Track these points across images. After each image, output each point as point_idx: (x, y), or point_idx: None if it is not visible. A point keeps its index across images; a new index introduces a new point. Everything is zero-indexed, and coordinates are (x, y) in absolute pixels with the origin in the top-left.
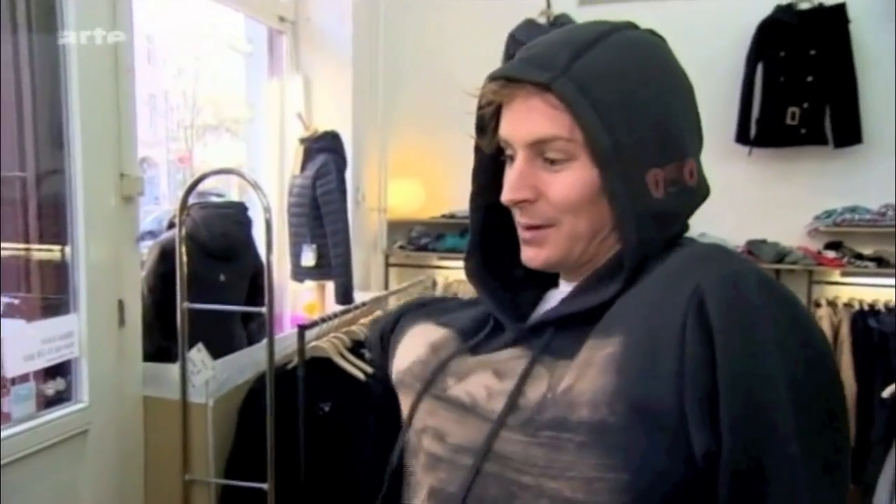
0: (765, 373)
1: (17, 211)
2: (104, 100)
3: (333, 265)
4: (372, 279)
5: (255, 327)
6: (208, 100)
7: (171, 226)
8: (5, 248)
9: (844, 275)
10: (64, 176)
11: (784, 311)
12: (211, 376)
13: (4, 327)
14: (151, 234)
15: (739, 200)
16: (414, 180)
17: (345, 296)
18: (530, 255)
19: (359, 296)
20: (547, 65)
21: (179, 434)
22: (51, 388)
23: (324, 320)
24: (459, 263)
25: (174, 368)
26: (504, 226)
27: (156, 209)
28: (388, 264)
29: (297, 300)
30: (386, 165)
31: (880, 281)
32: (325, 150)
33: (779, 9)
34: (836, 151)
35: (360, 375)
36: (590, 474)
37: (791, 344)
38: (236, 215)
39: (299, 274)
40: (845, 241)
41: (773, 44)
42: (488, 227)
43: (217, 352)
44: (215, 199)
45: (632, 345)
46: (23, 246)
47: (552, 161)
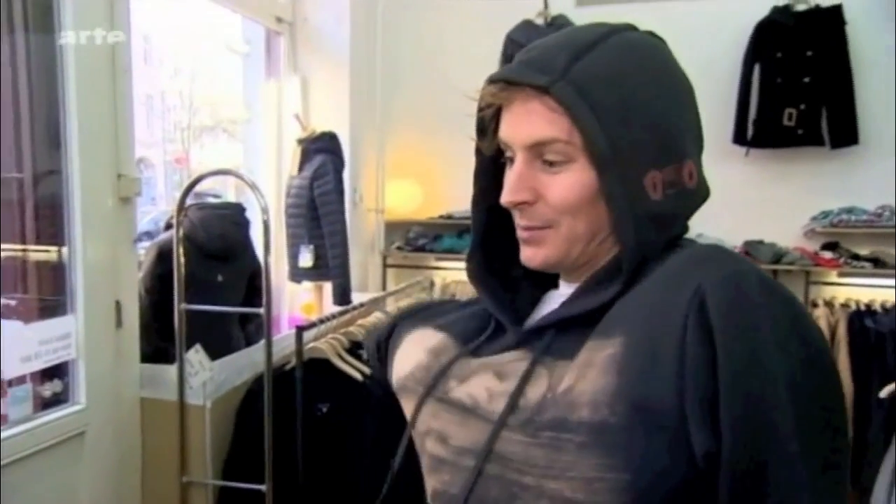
0: (765, 372)
1: (15, 212)
2: (101, 100)
3: (331, 266)
4: (369, 280)
5: (252, 328)
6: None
7: (168, 227)
8: (2, 250)
9: (841, 275)
10: (61, 177)
11: (784, 311)
12: (208, 377)
13: (1, 329)
14: (148, 234)
15: (736, 201)
16: (411, 181)
17: (342, 297)
18: (529, 256)
19: (356, 297)
20: (546, 68)
21: (177, 435)
22: (48, 389)
23: (322, 321)
24: (457, 264)
25: (172, 370)
26: (505, 227)
27: (152, 210)
28: (385, 265)
29: (294, 301)
30: (383, 166)
31: (877, 281)
32: (322, 151)
33: (775, 10)
34: (832, 152)
35: (358, 376)
36: (590, 474)
37: (791, 344)
38: (234, 216)
39: (297, 275)
40: (842, 242)
41: (769, 45)
42: (490, 228)
43: (215, 353)
44: (212, 200)
45: (632, 345)
46: (20, 247)
47: (551, 163)
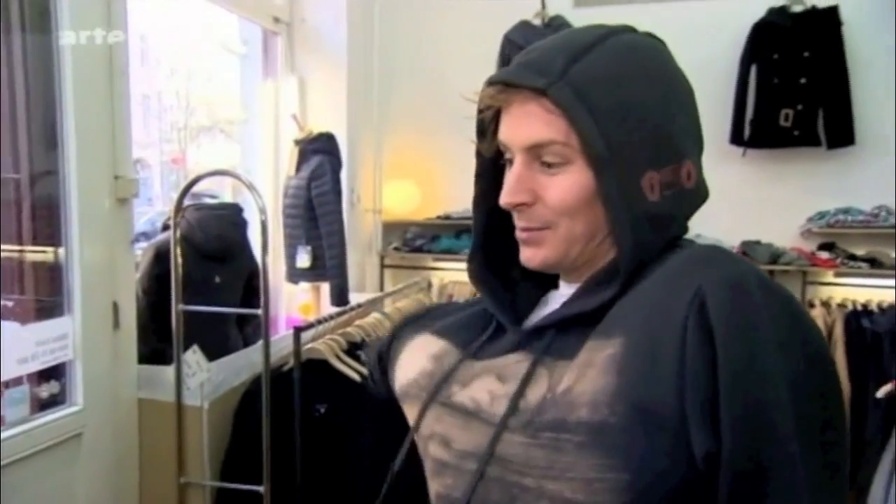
0: (765, 373)
1: (11, 213)
2: (99, 101)
3: (329, 266)
4: (367, 280)
5: (250, 329)
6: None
7: (165, 227)
8: (0, 251)
9: (838, 275)
10: (58, 177)
11: (783, 311)
12: (206, 378)
13: None
14: (145, 235)
15: (734, 201)
16: (409, 181)
17: (340, 297)
18: (528, 256)
19: (354, 297)
20: (544, 70)
21: (174, 436)
22: (45, 390)
23: (320, 322)
24: (455, 265)
25: (169, 371)
26: (506, 228)
27: (149, 211)
28: (383, 266)
29: (292, 302)
30: (381, 167)
31: (873, 281)
32: (320, 152)
33: (772, 11)
34: (829, 153)
35: (356, 377)
36: (590, 475)
37: (791, 344)
38: (231, 217)
39: (294, 275)
40: (838, 242)
41: (766, 46)
42: (490, 229)
43: (212, 354)
44: (209, 201)
45: (632, 346)
46: (17, 248)
47: (549, 164)
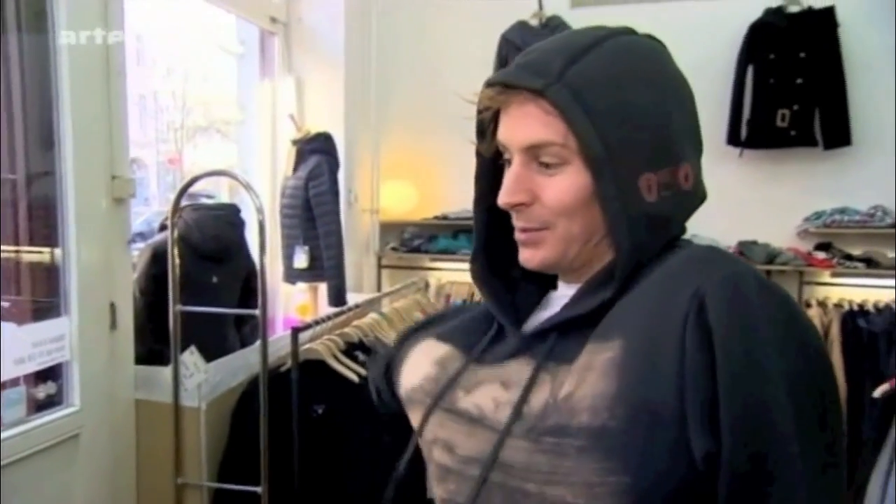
0: (764, 373)
1: (8, 213)
2: (95, 101)
3: (326, 267)
4: (364, 281)
5: (247, 330)
6: (198, 101)
7: (162, 228)
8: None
9: (834, 275)
10: (54, 178)
11: (781, 312)
12: (204, 379)
13: None
14: (141, 235)
15: (730, 202)
16: (406, 182)
17: (338, 298)
18: (527, 257)
19: (351, 297)
20: (542, 71)
21: (172, 437)
22: (41, 391)
23: (317, 323)
24: (452, 265)
25: (166, 371)
26: (507, 228)
27: (146, 211)
28: (380, 266)
29: (289, 302)
30: (378, 167)
31: (870, 281)
32: (317, 152)
33: (769, 12)
34: (825, 153)
35: (354, 378)
36: (591, 479)
37: (789, 344)
38: (229, 217)
39: (292, 276)
40: (835, 242)
41: (763, 46)
42: (492, 229)
43: (210, 354)
44: (205, 201)
45: (631, 348)
46: (13, 248)
47: (547, 165)
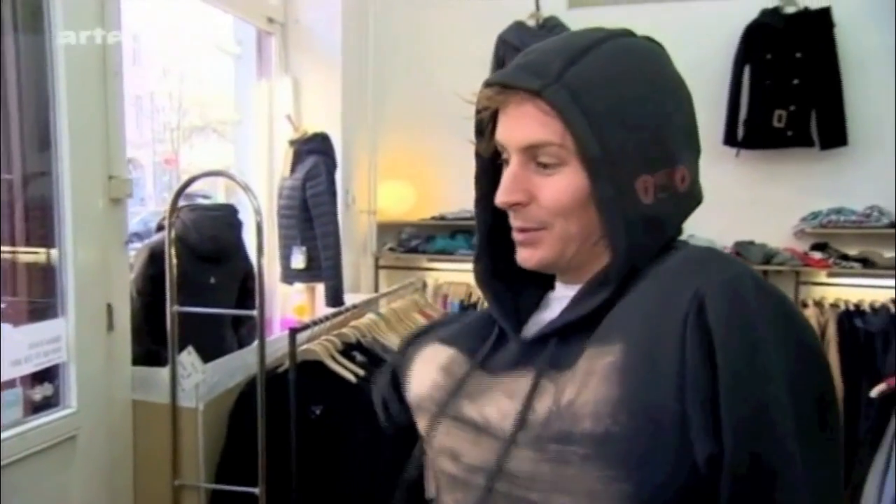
0: (764, 373)
1: (4, 214)
2: (92, 101)
3: (324, 267)
4: (362, 281)
5: (245, 330)
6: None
7: (159, 228)
8: None
9: (831, 275)
10: (51, 178)
11: (778, 313)
12: (201, 380)
13: None
14: (137, 236)
15: (727, 202)
16: (404, 182)
17: (335, 298)
18: (525, 256)
19: (349, 298)
20: (540, 72)
21: (169, 439)
22: (38, 393)
23: (315, 323)
24: (449, 265)
25: (164, 372)
26: (509, 227)
27: (142, 211)
28: (377, 266)
29: (286, 303)
30: (376, 167)
31: (866, 281)
32: (314, 152)
33: (765, 12)
34: (821, 153)
35: (352, 378)
36: (594, 487)
37: (787, 344)
38: (226, 217)
39: (289, 276)
40: (831, 243)
41: (759, 47)
42: (494, 229)
43: (207, 355)
44: (202, 201)
45: (632, 351)
46: (9, 249)
47: (545, 165)
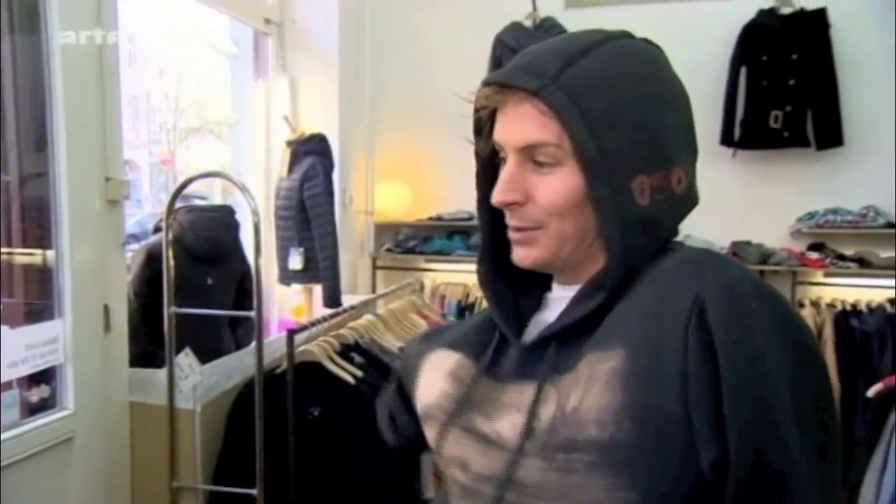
0: (766, 375)
1: (1, 215)
2: (89, 102)
3: (321, 268)
4: (359, 282)
5: (242, 332)
6: (191, 102)
7: (157, 229)
8: None
9: (827, 275)
10: (48, 179)
11: (776, 314)
12: (198, 381)
13: None
14: (134, 237)
15: (724, 202)
16: (401, 183)
17: (332, 299)
18: (521, 256)
19: (346, 299)
20: (538, 72)
21: (167, 440)
22: (35, 395)
23: (313, 324)
24: (447, 266)
25: (161, 374)
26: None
27: (138, 212)
28: (375, 267)
29: (283, 304)
30: (373, 168)
31: (862, 281)
32: (312, 153)
33: (761, 13)
34: (818, 154)
35: (350, 379)
36: (600, 495)
37: (786, 346)
38: (224, 218)
39: (286, 277)
40: (827, 243)
41: (756, 48)
42: (496, 228)
43: (205, 356)
44: (198, 202)
45: (634, 357)
46: (6, 250)
47: (541, 164)
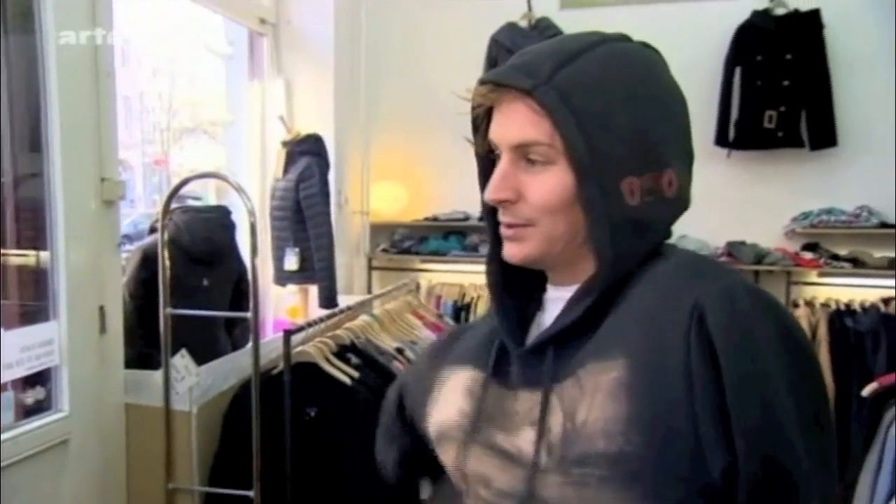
0: (766, 375)
1: None
2: (84, 102)
3: (317, 269)
4: (355, 283)
5: (238, 332)
6: (185, 102)
7: (152, 230)
8: None
9: (821, 275)
10: (43, 180)
11: (771, 317)
12: (195, 383)
13: None
14: (128, 238)
15: (719, 202)
16: (396, 183)
17: (328, 300)
18: (512, 252)
19: (342, 299)
20: (532, 72)
21: (163, 442)
22: (30, 397)
23: (309, 325)
24: (443, 266)
25: (157, 375)
26: None
27: (132, 213)
28: (370, 267)
29: (279, 304)
30: (368, 168)
31: (856, 281)
32: (307, 154)
33: (755, 14)
34: (812, 154)
35: (346, 380)
36: None
37: (781, 347)
38: (220, 219)
39: (282, 278)
40: (822, 243)
41: (750, 48)
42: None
43: (201, 358)
44: (193, 202)
45: (637, 367)
46: (1, 252)
47: (533, 163)
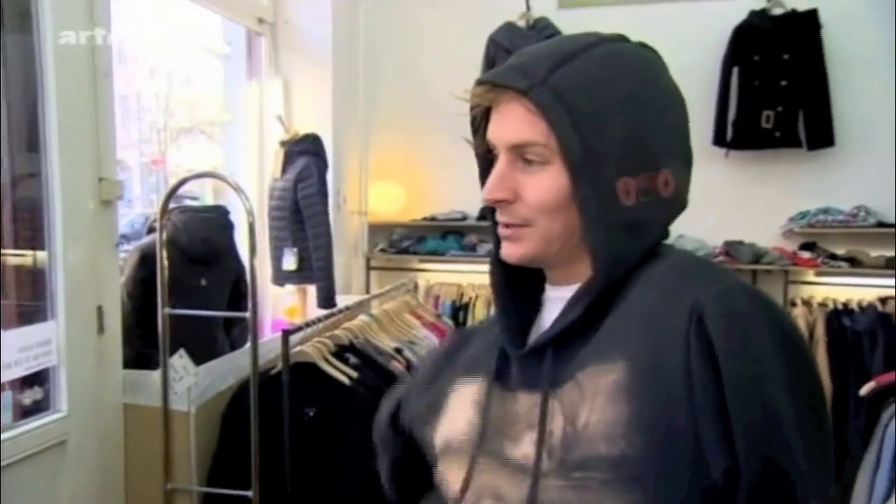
0: (765, 375)
1: None
2: (82, 102)
3: (315, 269)
4: (353, 282)
5: (237, 332)
6: (182, 101)
7: (150, 230)
8: None
9: (819, 275)
10: (40, 180)
11: (767, 318)
12: (193, 383)
13: None
14: (125, 237)
15: (717, 202)
16: (395, 183)
17: (327, 300)
18: (509, 252)
19: (340, 299)
20: (528, 73)
21: (161, 442)
22: (28, 397)
23: (308, 325)
24: (441, 266)
25: (155, 375)
26: None
27: (129, 213)
28: (369, 267)
29: (277, 304)
30: (367, 168)
31: (853, 280)
32: (305, 153)
33: (753, 14)
34: (809, 154)
35: (345, 380)
36: None
37: (778, 347)
38: (218, 219)
39: (280, 278)
40: (819, 242)
41: (748, 48)
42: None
43: (199, 358)
44: (190, 202)
45: (637, 369)
46: None
47: (530, 163)
